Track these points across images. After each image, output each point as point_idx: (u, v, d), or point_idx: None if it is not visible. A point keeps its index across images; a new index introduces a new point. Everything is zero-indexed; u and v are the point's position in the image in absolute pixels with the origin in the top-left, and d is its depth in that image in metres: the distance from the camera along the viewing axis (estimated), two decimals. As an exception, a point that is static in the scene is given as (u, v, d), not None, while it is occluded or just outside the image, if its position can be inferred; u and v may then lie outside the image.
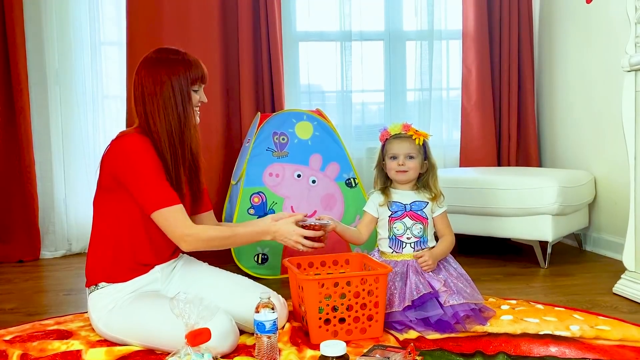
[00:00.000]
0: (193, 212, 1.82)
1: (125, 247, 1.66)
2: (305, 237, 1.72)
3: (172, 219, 1.58)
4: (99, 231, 1.69)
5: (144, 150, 1.59)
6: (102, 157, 1.66)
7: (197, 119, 1.72)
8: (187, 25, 3.10)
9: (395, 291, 1.78)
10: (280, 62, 3.13)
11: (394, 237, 1.89)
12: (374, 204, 1.94)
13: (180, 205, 1.61)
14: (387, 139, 1.93)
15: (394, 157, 1.89)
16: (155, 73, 1.64)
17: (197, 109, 1.72)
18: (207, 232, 1.65)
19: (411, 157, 1.88)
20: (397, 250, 1.89)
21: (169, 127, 1.63)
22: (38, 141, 3.10)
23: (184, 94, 1.64)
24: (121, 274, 1.66)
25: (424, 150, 1.92)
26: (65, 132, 3.18)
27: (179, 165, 1.65)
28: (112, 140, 1.65)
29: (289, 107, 3.20)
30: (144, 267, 1.69)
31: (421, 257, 1.81)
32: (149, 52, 1.71)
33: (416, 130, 1.89)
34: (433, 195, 1.91)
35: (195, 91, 1.69)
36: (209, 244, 1.64)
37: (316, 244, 1.74)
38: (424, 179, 1.94)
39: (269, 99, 3.13)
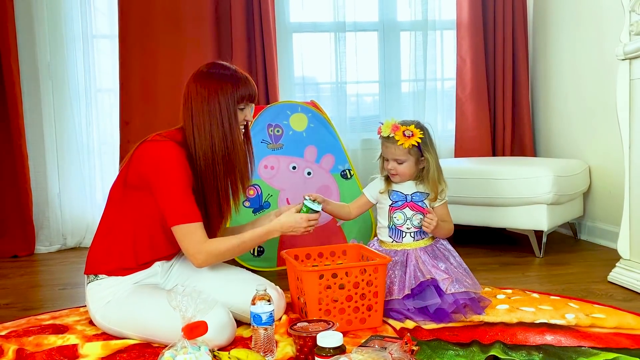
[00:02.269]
0: (219, 222, 1.81)
1: (132, 246, 1.65)
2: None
3: (189, 235, 1.60)
4: (109, 224, 1.68)
5: (177, 161, 1.59)
6: (134, 154, 1.64)
7: (242, 137, 1.71)
8: (180, 18, 3.08)
9: (395, 279, 1.79)
10: (274, 54, 3.11)
11: (393, 226, 1.89)
12: (374, 190, 1.92)
13: (199, 223, 1.61)
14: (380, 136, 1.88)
15: (387, 159, 1.87)
16: (203, 88, 1.64)
17: (242, 127, 1.71)
18: (219, 247, 1.64)
19: (400, 162, 1.83)
20: (397, 240, 1.88)
21: (212, 143, 1.63)
22: (31, 135, 3.08)
23: (230, 112, 1.64)
24: (122, 270, 1.65)
25: (419, 148, 1.82)
26: (59, 126, 3.16)
27: (215, 182, 1.65)
28: (148, 142, 1.63)
29: (283, 98, 3.19)
30: (144, 266, 1.69)
31: (429, 214, 1.81)
32: (201, 66, 1.70)
33: (403, 134, 1.79)
34: (432, 194, 1.86)
35: (242, 109, 1.68)
36: (220, 258, 1.66)
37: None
38: (423, 174, 1.88)
39: (262, 90, 3.12)
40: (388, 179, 1.91)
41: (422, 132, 1.81)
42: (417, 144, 1.80)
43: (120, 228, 1.66)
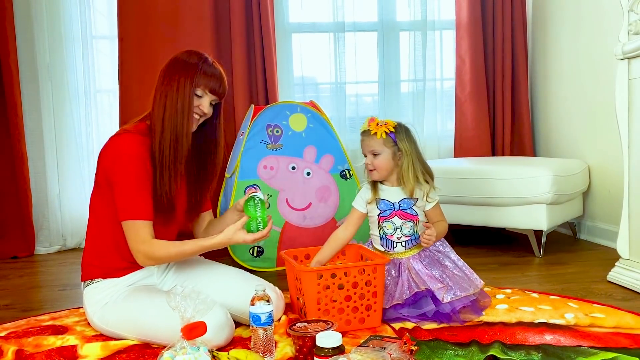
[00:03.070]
0: (191, 215, 1.82)
1: (115, 246, 1.65)
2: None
3: (133, 232, 1.58)
4: (93, 228, 1.69)
5: (134, 153, 1.58)
6: (99, 153, 1.65)
7: (194, 125, 1.66)
8: (179, 18, 3.07)
9: (386, 289, 1.76)
10: (273, 54, 3.11)
11: (384, 236, 1.86)
12: (363, 200, 1.86)
13: (147, 222, 1.58)
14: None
15: (365, 156, 1.85)
16: (170, 69, 1.64)
17: (197, 116, 1.66)
18: (156, 252, 1.59)
19: (375, 154, 1.80)
20: (388, 250, 1.86)
21: (166, 116, 1.60)
22: (30, 137, 3.08)
23: (185, 93, 1.61)
24: (116, 271, 1.66)
25: (394, 140, 1.79)
26: (58, 127, 3.16)
27: (172, 163, 1.61)
28: (111, 137, 1.63)
29: (282, 99, 3.18)
30: (137, 266, 1.68)
31: (428, 228, 1.76)
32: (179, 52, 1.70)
33: (377, 124, 1.78)
34: (409, 189, 1.80)
35: (199, 96, 1.64)
36: (159, 262, 1.64)
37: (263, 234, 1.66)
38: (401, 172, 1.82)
39: (262, 91, 3.11)
40: (374, 186, 1.85)
41: (396, 124, 1.80)
42: (389, 132, 1.77)
43: (101, 230, 1.66)
